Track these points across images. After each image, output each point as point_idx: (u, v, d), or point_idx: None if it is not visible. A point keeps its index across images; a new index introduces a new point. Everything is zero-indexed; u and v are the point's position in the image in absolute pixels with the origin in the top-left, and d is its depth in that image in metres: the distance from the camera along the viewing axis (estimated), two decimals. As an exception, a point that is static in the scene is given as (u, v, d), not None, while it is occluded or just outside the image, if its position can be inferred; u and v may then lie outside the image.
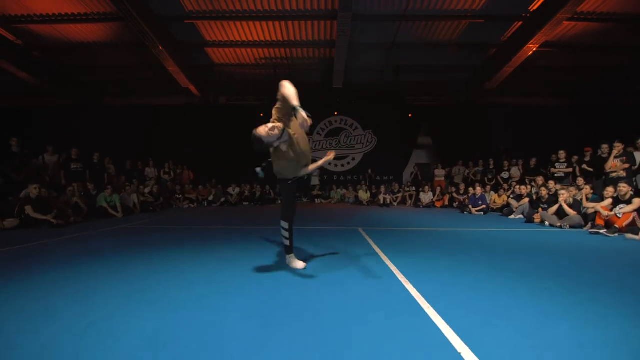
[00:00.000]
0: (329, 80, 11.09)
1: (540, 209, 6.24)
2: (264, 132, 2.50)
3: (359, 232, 4.92)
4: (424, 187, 10.50)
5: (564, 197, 5.77)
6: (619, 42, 9.08)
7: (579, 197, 6.01)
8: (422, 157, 13.02)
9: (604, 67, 10.58)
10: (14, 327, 1.76)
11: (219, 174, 11.53)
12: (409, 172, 12.73)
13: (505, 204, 8.06)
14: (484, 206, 8.16)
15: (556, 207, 5.81)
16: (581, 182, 6.52)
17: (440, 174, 11.12)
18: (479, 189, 8.42)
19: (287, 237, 2.89)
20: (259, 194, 11.03)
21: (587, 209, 5.59)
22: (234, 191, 10.87)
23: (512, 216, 7.18)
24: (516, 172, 9.61)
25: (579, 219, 5.52)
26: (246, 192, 11.05)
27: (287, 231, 2.87)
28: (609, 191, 5.21)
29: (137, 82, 11.64)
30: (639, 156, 6.11)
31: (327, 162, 2.99)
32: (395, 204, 10.64)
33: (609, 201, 5.12)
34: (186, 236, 4.75)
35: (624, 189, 4.93)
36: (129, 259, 3.29)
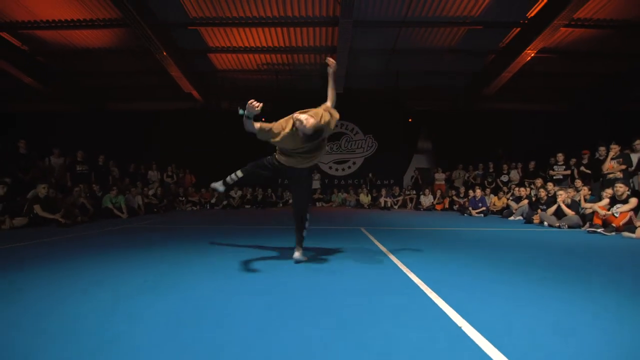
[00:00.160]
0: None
1: (539, 210, 6.34)
2: (314, 122, 2.44)
3: (361, 231, 5.02)
4: (424, 191, 10.61)
5: (562, 197, 5.88)
6: (615, 49, 9.22)
7: (577, 198, 6.11)
8: (422, 161, 13.12)
9: (601, 74, 10.74)
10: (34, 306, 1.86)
11: (221, 177, 11.57)
12: (409, 176, 12.82)
13: (504, 206, 8.14)
14: (483, 208, 8.25)
15: (554, 208, 5.91)
16: (579, 184, 6.63)
17: (440, 177, 11.23)
18: (478, 192, 8.52)
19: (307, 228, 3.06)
20: (261, 196, 11.13)
21: (585, 209, 5.69)
22: (236, 194, 10.96)
23: (512, 217, 7.27)
24: (515, 175, 9.72)
25: (577, 219, 5.61)
26: (248, 195, 11.15)
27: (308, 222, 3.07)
28: (607, 192, 5.33)
29: (140, 87, 11.83)
30: (635, 158, 6.21)
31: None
32: (396, 207, 10.73)
33: (606, 201, 5.24)
34: (192, 234, 4.84)
35: (620, 189, 5.05)
36: (140, 253, 3.41)
